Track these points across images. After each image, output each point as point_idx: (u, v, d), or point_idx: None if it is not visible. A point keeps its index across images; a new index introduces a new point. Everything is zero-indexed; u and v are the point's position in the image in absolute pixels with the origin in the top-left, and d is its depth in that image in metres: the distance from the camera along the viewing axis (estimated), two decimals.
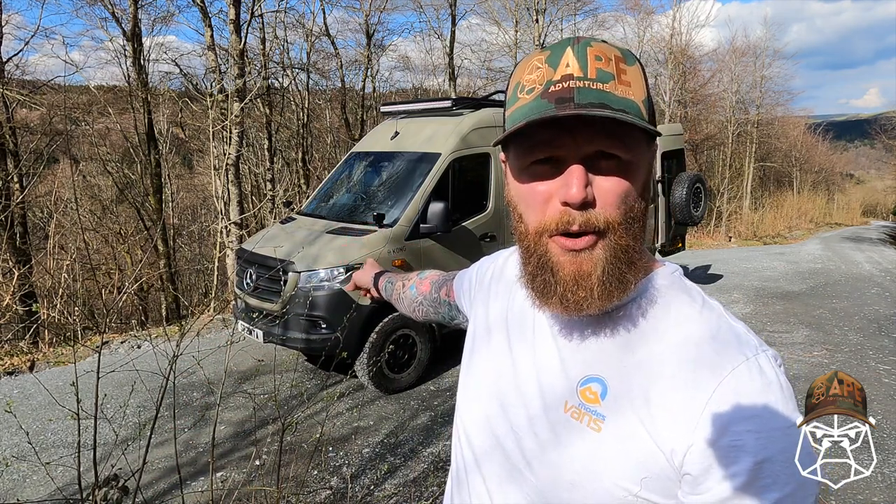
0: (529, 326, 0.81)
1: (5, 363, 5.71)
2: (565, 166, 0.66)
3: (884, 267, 11.92)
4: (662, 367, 0.68)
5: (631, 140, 0.66)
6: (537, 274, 0.70)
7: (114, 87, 17.40)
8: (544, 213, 0.68)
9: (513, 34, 21.64)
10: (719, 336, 0.68)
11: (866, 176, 74.88)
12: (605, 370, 0.71)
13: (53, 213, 13.89)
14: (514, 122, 0.68)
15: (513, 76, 0.73)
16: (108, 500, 2.14)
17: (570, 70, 0.66)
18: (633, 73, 0.68)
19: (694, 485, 0.63)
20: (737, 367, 0.65)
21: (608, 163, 0.66)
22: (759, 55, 30.16)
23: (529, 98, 0.67)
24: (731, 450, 0.61)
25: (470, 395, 0.87)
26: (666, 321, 0.71)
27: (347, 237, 4.77)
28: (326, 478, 3.50)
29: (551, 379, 0.74)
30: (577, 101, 0.64)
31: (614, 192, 0.66)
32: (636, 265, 0.69)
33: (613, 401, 0.69)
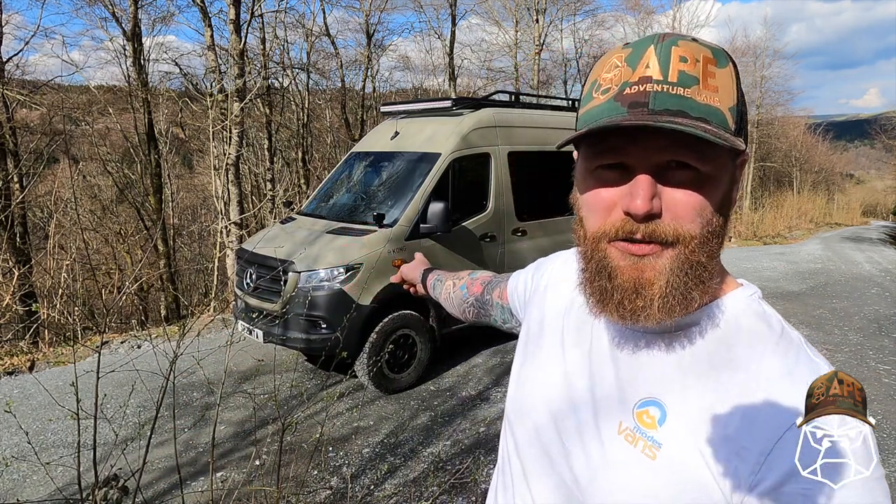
0: (587, 335, 0.77)
1: (5, 363, 5.71)
2: (634, 174, 0.62)
3: (884, 267, 11.92)
4: (730, 394, 0.63)
5: (710, 150, 0.61)
6: (595, 279, 0.66)
7: (114, 87, 17.41)
8: (605, 220, 0.64)
9: (513, 34, 21.65)
10: (797, 369, 0.63)
11: (866, 176, 74.89)
12: (665, 394, 0.66)
13: (53, 213, 13.89)
14: (585, 123, 0.64)
15: (591, 72, 0.68)
16: (108, 500, 2.14)
17: (648, 72, 0.61)
18: (722, 76, 0.62)
19: None
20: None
21: (682, 173, 0.61)
22: (759, 55, 30.22)
23: (603, 99, 0.63)
24: (797, 497, 0.57)
25: (520, 401, 0.84)
26: (738, 349, 0.66)
27: (347, 237, 4.77)
28: (326, 478, 3.50)
29: (606, 395, 0.71)
30: (652, 106, 0.59)
31: (686, 204, 0.62)
32: (705, 284, 0.64)
33: (672, 428, 0.65)
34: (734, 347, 0.66)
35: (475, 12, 23.02)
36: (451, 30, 20.13)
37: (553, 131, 6.18)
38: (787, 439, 0.59)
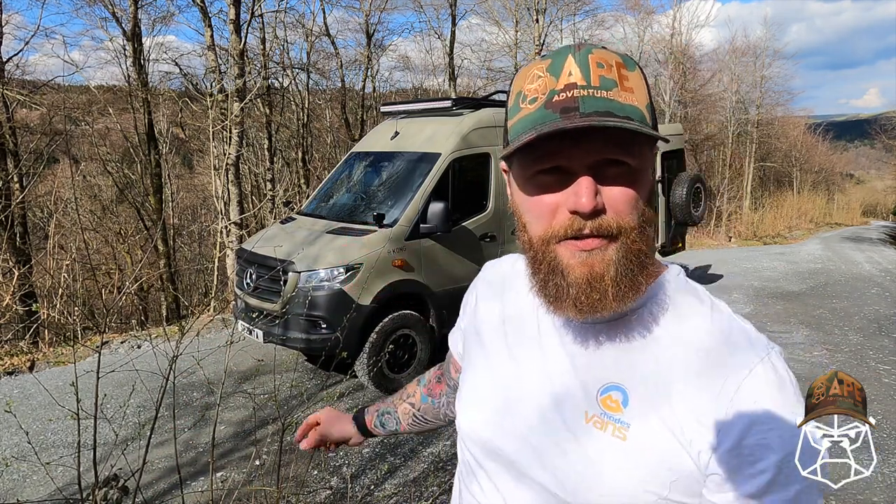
0: (534, 336, 0.79)
1: (5, 363, 5.71)
2: (573, 176, 0.66)
3: (884, 267, 11.92)
4: (682, 370, 0.68)
5: (637, 146, 0.66)
6: (549, 279, 0.69)
7: (114, 87, 17.40)
8: (551, 222, 0.67)
9: (513, 34, 21.65)
10: (732, 337, 0.70)
11: (866, 176, 74.88)
12: (624, 378, 0.70)
13: (53, 213, 13.89)
14: (518, 133, 0.67)
15: (513, 85, 0.72)
16: (108, 500, 2.14)
17: (572, 79, 0.65)
18: (634, 78, 0.68)
19: (721, 483, 0.64)
20: (754, 368, 0.67)
21: (616, 170, 0.66)
22: (759, 55, 30.19)
23: (533, 108, 0.67)
24: (757, 448, 0.63)
25: (475, 413, 0.83)
26: (678, 325, 0.71)
27: (347, 237, 4.77)
28: (326, 478, 3.50)
29: (567, 388, 0.73)
30: (583, 110, 0.63)
31: (624, 198, 0.66)
32: (647, 269, 0.69)
33: (636, 408, 0.69)
34: (677, 324, 0.71)
35: (475, 12, 23.03)
36: (451, 30, 20.14)
37: None
38: (738, 399, 0.65)
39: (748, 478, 0.63)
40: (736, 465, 0.63)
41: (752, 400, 0.65)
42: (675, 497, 0.66)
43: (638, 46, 25.61)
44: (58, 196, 14.50)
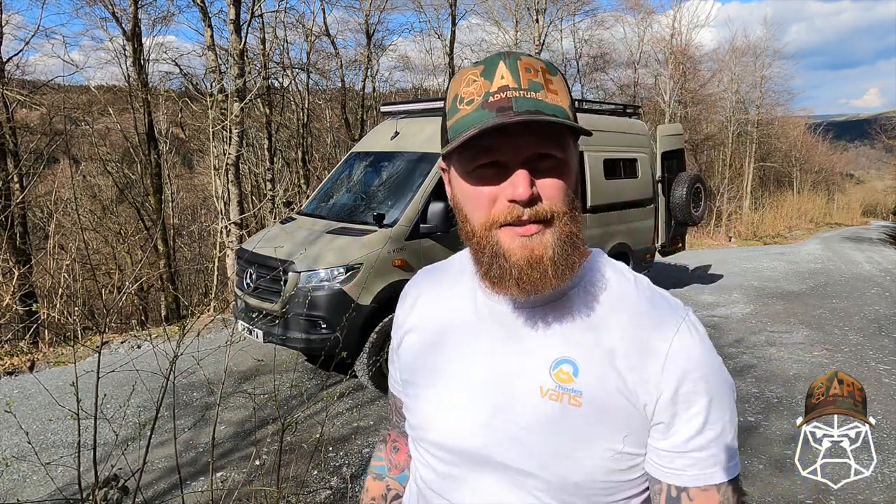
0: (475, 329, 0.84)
1: (5, 363, 5.71)
2: (509, 169, 0.73)
3: (884, 267, 11.92)
4: (621, 336, 0.77)
5: (564, 141, 0.75)
6: (492, 263, 0.75)
7: (114, 87, 17.40)
8: (490, 211, 0.74)
9: (513, 34, 21.64)
10: (656, 302, 0.80)
11: (866, 176, 74.86)
12: (571, 351, 0.78)
13: (53, 213, 13.88)
14: (458, 131, 0.73)
15: (450, 89, 0.78)
16: (108, 500, 2.14)
17: (505, 82, 0.72)
18: (557, 82, 0.75)
19: (665, 430, 0.75)
20: (679, 328, 0.77)
21: (547, 163, 0.73)
22: (759, 55, 30.15)
23: (470, 109, 0.73)
24: (691, 395, 0.74)
25: (434, 407, 0.86)
26: (611, 298, 0.80)
27: (348, 237, 4.77)
28: (326, 478, 3.50)
29: (520, 369, 0.79)
30: (516, 109, 0.70)
31: (555, 186, 0.74)
32: (579, 249, 0.78)
33: (586, 376, 0.76)
34: (609, 296, 0.80)
35: (475, 12, 23.03)
36: (451, 30, 20.15)
37: None
38: (671, 355, 0.75)
39: (686, 421, 0.74)
40: (675, 412, 0.74)
41: (682, 355, 0.75)
42: (628, 450, 0.76)
43: (638, 46, 25.61)
44: (58, 196, 14.49)
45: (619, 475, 0.77)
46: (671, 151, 7.84)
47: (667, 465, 0.76)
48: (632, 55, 25.80)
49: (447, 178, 0.83)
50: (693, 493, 0.75)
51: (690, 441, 0.74)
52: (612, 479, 0.76)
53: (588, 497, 0.77)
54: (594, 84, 25.80)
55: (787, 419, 4.24)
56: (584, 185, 6.45)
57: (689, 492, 0.75)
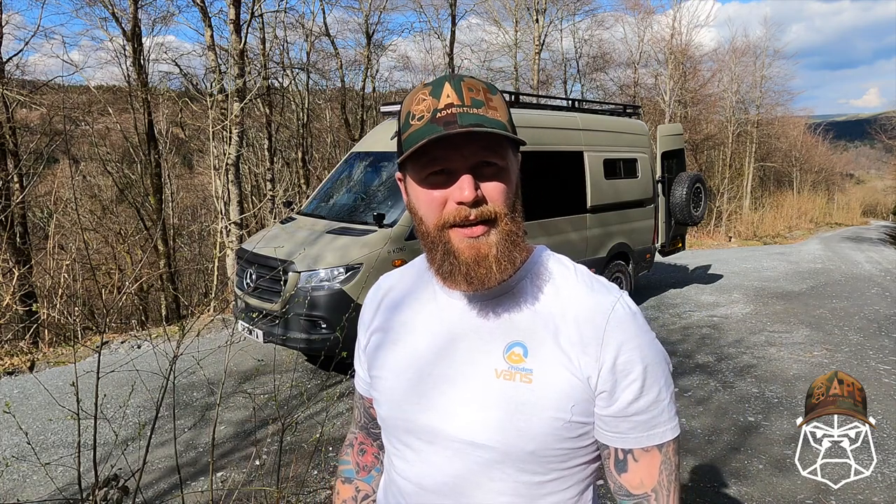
0: (430, 322, 0.94)
1: (5, 363, 5.71)
2: (456, 175, 0.82)
3: (884, 267, 11.92)
4: (564, 318, 0.87)
5: (503, 151, 0.84)
6: (444, 259, 0.85)
7: (114, 87, 17.40)
8: (441, 212, 0.84)
9: (513, 34, 21.64)
10: (594, 286, 0.91)
11: (866, 176, 74.85)
12: (521, 335, 0.88)
13: (53, 213, 13.88)
14: (411, 144, 0.82)
15: (403, 107, 0.88)
16: (109, 500, 2.14)
17: (450, 100, 0.82)
18: (497, 100, 0.86)
19: (608, 397, 0.85)
20: (614, 306, 0.87)
21: (489, 169, 0.83)
22: (758, 55, 30.17)
23: (421, 124, 0.83)
24: (627, 364, 0.84)
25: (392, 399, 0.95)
26: (554, 285, 0.91)
27: (348, 237, 4.77)
28: (326, 478, 3.50)
29: (474, 357, 0.89)
30: (461, 123, 0.80)
31: (497, 190, 0.83)
32: (520, 246, 0.87)
33: (535, 356, 0.86)
34: (552, 284, 0.91)
35: (475, 12, 23.05)
36: (451, 30, 20.15)
37: (553, 131, 6.18)
38: (608, 330, 0.85)
39: (625, 388, 0.84)
40: (615, 380, 0.84)
41: (618, 329, 0.85)
42: (576, 419, 0.85)
43: (638, 46, 25.61)
44: (58, 196, 14.49)
45: (570, 443, 0.87)
46: (671, 151, 7.84)
47: (612, 430, 0.86)
48: (632, 55, 25.82)
49: (403, 187, 0.92)
50: (637, 454, 0.86)
51: (630, 405, 0.84)
52: (564, 446, 0.86)
53: (544, 464, 0.87)
54: (594, 84, 25.80)
55: (787, 419, 4.24)
56: (584, 185, 6.45)
57: (633, 453, 0.86)
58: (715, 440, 3.90)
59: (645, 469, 0.86)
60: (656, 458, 0.86)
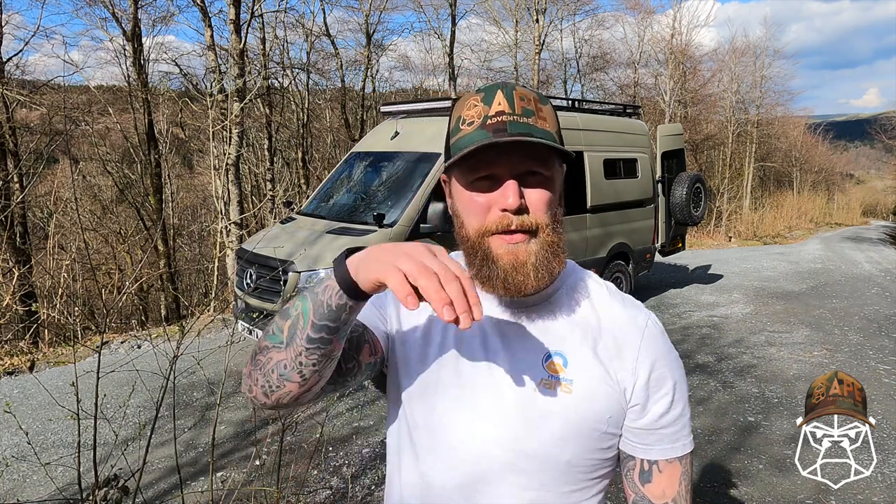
0: (482, 324, 0.92)
1: (5, 363, 5.71)
2: (502, 181, 0.83)
3: (884, 267, 11.93)
4: (600, 330, 0.90)
5: (550, 161, 0.85)
6: (483, 265, 0.85)
7: (114, 87, 17.39)
8: (484, 219, 0.84)
9: (513, 34, 21.64)
10: (626, 304, 0.94)
11: (866, 176, 74.86)
12: (560, 346, 0.89)
13: (53, 213, 13.88)
14: (460, 148, 0.83)
15: (454, 111, 0.89)
16: (109, 500, 2.14)
17: (501, 107, 0.83)
18: (547, 111, 0.86)
19: (640, 410, 0.88)
20: (647, 323, 0.92)
21: (534, 178, 0.84)
22: (758, 55, 30.15)
23: (471, 129, 0.83)
24: (660, 379, 0.88)
25: (436, 406, 0.90)
26: (589, 299, 0.94)
27: (348, 237, 4.77)
28: (326, 478, 3.50)
29: (517, 362, 0.89)
30: (510, 131, 0.81)
31: (541, 200, 0.84)
32: (560, 257, 0.87)
33: (576, 367, 0.88)
34: (588, 298, 0.94)
35: (475, 12, 23.04)
36: (451, 30, 20.13)
37: None
38: (644, 346, 0.89)
39: (656, 401, 0.88)
40: (649, 394, 0.88)
41: (652, 345, 0.89)
42: (609, 430, 0.88)
43: (638, 46, 25.61)
44: (58, 196, 14.49)
45: (601, 454, 0.89)
46: (671, 151, 7.84)
47: (640, 442, 0.89)
48: (632, 55, 25.82)
49: (447, 190, 0.92)
50: (661, 465, 0.89)
51: (660, 419, 0.88)
52: (595, 457, 0.89)
53: (575, 474, 0.88)
54: (594, 84, 25.78)
55: (787, 419, 4.24)
56: (584, 185, 6.45)
57: (658, 464, 0.89)
58: (715, 440, 3.90)
59: (667, 480, 0.89)
60: (678, 470, 0.90)
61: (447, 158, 0.88)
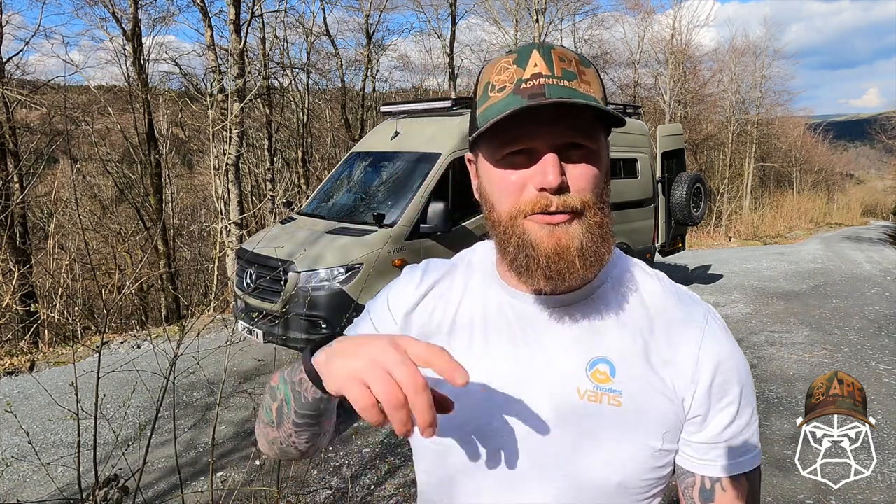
0: (506, 325, 0.79)
1: (5, 363, 5.71)
2: (539, 155, 0.70)
3: (884, 267, 11.92)
4: (652, 333, 0.77)
5: (594, 131, 0.72)
6: (520, 251, 0.72)
7: (114, 87, 17.40)
8: (518, 199, 0.72)
9: (513, 34, 21.64)
10: (682, 298, 0.81)
11: (866, 176, 74.87)
12: (606, 349, 0.76)
13: (53, 213, 13.88)
14: (487, 118, 0.70)
15: (481, 77, 0.76)
16: (109, 500, 2.14)
17: (538, 69, 0.70)
18: (590, 73, 0.73)
19: (701, 422, 0.75)
20: (707, 321, 0.78)
21: (577, 152, 0.71)
22: (758, 55, 30.15)
23: (502, 95, 0.71)
24: (724, 385, 0.75)
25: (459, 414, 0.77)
26: (638, 294, 0.80)
27: (348, 237, 4.77)
28: (326, 478, 3.50)
29: (556, 371, 0.76)
30: (548, 95, 0.68)
31: (586, 176, 0.71)
32: (609, 241, 0.74)
33: (624, 375, 0.75)
34: (636, 293, 0.80)
35: (475, 12, 23.02)
36: (451, 30, 20.13)
37: None
38: (704, 348, 0.76)
39: (720, 410, 0.75)
40: (711, 403, 0.75)
41: (714, 347, 0.76)
42: (666, 446, 0.75)
43: (638, 46, 25.61)
44: (58, 196, 14.49)
45: (655, 472, 0.76)
46: (671, 151, 7.84)
47: (701, 458, 0.76)
48: (632, 55, 25.82)
49: (473, 170, 0.81)
50: (725, 483, 0.76)
51: (724, 431, 0.75)
52: (649, 476, 0.76)
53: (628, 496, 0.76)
54: None
55: (787, 419, 4.24)
56: None
57: (721, 482, 0.76)
58: None
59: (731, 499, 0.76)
60: (743, 487, 0.77)
61: (472, 132, 0.75)
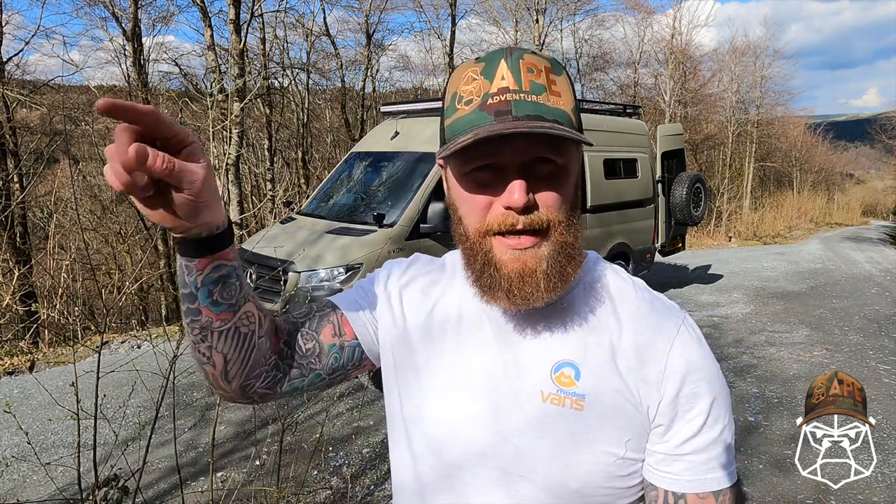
0: (479, 326, 0.80)
1: (5, 363, 5.71)
2: (506, 173, 0.69)
3: (884, 267, 11.93)
4: (621, 339, 0.76)
5: (563, 147, 0.70)
6: (484, 270, 0.73)
7: (114, 87, 17.39)
8: (485, 217, 0.71)
9: (513, 34, 21.64)
10: (655, 305, 0.79)
11: (866, 176, 74.90)
12: (572, 354, 0.75)
13: (53, 213, 13.87)
14: (456, 132, 0.71)
15: (449, 85, 0.75)
16: (109, 500, 2.14)
17: (505, 83, 0.69)
18: (561, 83, 0.72)
19: (663, 432, 0.74)
20: (679, 329, 0.76)
21: (545, 167, 0.70)
22: (758, 55, 30.16)
23: (469, 109, 0.70)
24: (691, 397, 0.73)
25: (429, 403, 0.81)
26: (610, 300, 0.79)
27: (348, 237, 4.77)
28: (326, 478, 3.50)
29: (521, 374, 0.76)
30: (515, 113, 0.67)
31: (552, 195, 0.71)
32: (575, 260, 0.74)
33: (588, 379, 0.74)
34: (609, 299, 0.79)
35: (475, 12, 23.01)
36: (451, 30, 20.15)
37: None
38: (672, 357, 0.74)
39: (686, 422, 0.73)
40: (676, 414, 0.73)
41: (682, 357, 0.74)
42: (630, 455, 0.74)
43: (638, 46, 25.62)
44: (58, 196, 14.49)
45: (620, 482, 0.74)
46: (671, 151, 7.84)
47: (664, 469, 0.74)
48: (632, 55, 25.83)
49: (444, 175, 0.80)
50: (691, 500, 0.73)
51: (687, 443, 0.73)
52: (612, 485, 0.74)
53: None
54: (594, 84, 25.80)
55: (787, 419, 4.24)
56: (585, 185, 6.45)
57: (686, 499, 0.73)
58: None
59: None
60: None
61: (442, 142, 0.75)
